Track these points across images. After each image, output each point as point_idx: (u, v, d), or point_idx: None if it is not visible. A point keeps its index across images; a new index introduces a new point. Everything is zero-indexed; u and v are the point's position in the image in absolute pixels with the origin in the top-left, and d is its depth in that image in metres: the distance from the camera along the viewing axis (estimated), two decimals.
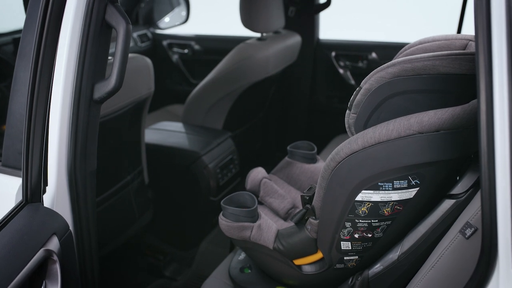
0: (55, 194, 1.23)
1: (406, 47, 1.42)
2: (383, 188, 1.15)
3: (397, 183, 1.15)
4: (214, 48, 3.09)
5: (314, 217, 1.29)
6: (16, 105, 1.29)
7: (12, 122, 1.29)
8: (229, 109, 2.41)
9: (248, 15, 2.26)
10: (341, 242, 1.26)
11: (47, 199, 1.21)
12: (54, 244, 1.08)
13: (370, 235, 1.23)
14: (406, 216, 1.20)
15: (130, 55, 1.81)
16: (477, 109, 0.89)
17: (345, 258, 1.30)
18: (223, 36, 3.15)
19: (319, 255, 1.35)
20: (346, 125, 1.21)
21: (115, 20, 1.25)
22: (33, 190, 1.14)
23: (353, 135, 1.19)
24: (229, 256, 1.71)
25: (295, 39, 2.56)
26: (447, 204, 1.16)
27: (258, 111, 2.75)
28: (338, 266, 1.32)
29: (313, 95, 2.90)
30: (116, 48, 1.26)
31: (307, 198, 1.31)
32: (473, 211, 1.05)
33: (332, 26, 2.99)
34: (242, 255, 1.65)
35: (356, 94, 1.16)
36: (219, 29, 3.37)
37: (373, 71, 1.15)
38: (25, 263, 0.98)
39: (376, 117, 1.16)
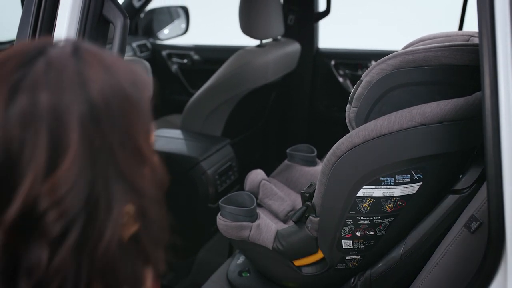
0: None
1: (407, 45, 1.41)
2: (385, 183, 1.13)
3: (399, 178, 1.12)
4: (213, 58, 3.08)
5: (314, 215, 1.26)
6: None
7: None
8: (228, 116, 2.39)
9: (247, 22, 2.25)
10: (342, 241, 1.23)
11: None
12: None
13: (372, 233, 1.20)
14: (409, 212, 1.17)
15: (128, 58, 1.79)
16: (481, 94, 0.87)
17: (346, 257, 1.26)
18: (222, 46, 3.15)
19: (319, 255, 1.32)
20: (347, 120, 1.19)
21: (112, 14, 1.24)
22: None
23: (353, 129, 1.17)
24: (227, 260, 1.67)
25: (295, 47, 2.56)
26: (451, 199, 1.13)
27: (257, 120, 2.73)
28: (339, 266, 1.28)
29: (312, 104, 2.88)
30: (113, 43, 1.24)
31: (307, 195, 1.28)
32: (478, 205, 1.02)
33: (332, 34, 2.99)
34: (241, 259, 1.61)
35: (357, 87, 1.15)
36: (218, 39, 3.38)
37: (374, 64, 1.13)
38: None
39: (378, 111, 1.14)
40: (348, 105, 1.18)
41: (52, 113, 0.51)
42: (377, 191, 1.14)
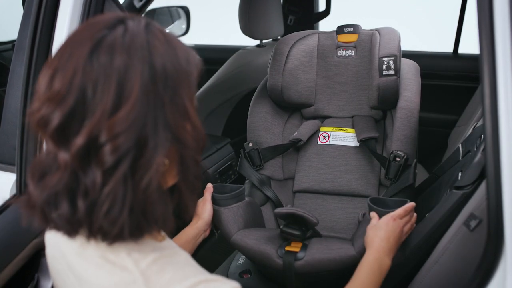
0: None
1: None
2: None
3: None
4: (213, 58, 3.09)
5: None
6: (12, 100, 1.27)
7: (7, 117, 1.27)
8: (228, 116, 2.40)
9: (247, 22, 2.26)
10: None
11: None
12: None
13: None
14: None
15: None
16: (481, 94, 0.87)
17: None
18: (222, 46, 3.15)
19: None
20: None
21: None
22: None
23: None
24: (226, 261, 1.67)
25: None
26: (455, 196, 1.13)
27: None
28: None
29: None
30: None
31: None
32: (477, 202, 1.02)
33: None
34: (241, 261, 1.61)
35: None
36: (219, 39, 3.38)
37: None
38: (15, 255, 0.95)
39: None
40: None
41: (122, 68, 0.65)
42: None
